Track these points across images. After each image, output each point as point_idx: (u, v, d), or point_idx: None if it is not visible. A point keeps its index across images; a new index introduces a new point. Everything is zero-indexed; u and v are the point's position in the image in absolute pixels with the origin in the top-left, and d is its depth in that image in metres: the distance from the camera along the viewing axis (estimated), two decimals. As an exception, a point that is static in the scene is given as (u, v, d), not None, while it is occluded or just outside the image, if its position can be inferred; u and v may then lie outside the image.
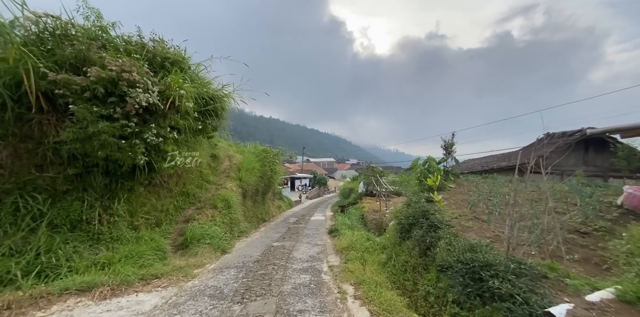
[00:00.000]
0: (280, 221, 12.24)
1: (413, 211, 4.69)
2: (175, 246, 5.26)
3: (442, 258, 3.02)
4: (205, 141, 9.28)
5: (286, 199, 21.82)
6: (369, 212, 12.90)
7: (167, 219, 5.79)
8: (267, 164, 11.84)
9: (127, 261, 3.84)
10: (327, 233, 8.68)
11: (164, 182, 6.05)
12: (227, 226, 7.16)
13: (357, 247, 5.38)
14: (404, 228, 4.69)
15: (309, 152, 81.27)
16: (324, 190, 43.18)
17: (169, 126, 4.77)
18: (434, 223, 3.88)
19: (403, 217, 4.83)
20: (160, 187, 5.93)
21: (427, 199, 5.03)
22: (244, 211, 9.21)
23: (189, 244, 5.23)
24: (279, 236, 8.11)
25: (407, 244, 4.33)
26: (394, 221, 7.20)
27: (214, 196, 7.52)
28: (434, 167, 6.87)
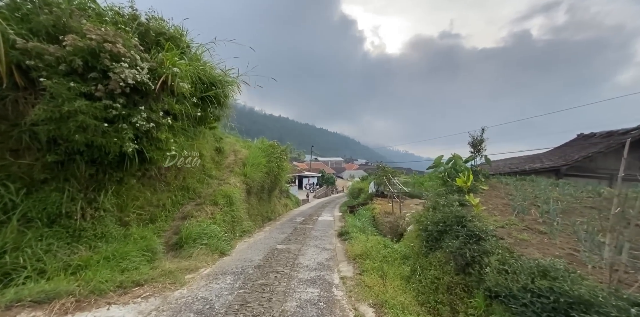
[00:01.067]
0: (286, 220, 11.64)
1: (443, 215, 3.92)
2: (169, 246, 4.71)
3: (496, 281, 2.27)
4: (208, 133, 8.78)
5: (293, 197, 21.26)
6: (380, 214, 12.10)
7: (162, 215, 5.26)
8: (274, 159, 11.25)
9: (106, 264, 3.28)
10: (336, 236, 7.98)
11: (161, 175, 5.52)
12: (228, 225, 6.59)
13: (373, 256, 4.65)
14: (431, 236, 3.92)
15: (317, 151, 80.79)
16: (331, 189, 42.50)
17: (163, 110, 4.20)
18: (475, 232, 3.11)
19: (430, 222, 4.06)
20: (157, 180, 5.40)
21: (459, 202, 4.24)
22: (247, 208, 8.65)
23: (183, 244, 4.67)
24: (284, 237, 7.48)
25: (437, 255, 3.57)
26: (412, 225, 6.42)
27: (216, 191, 6.97)
28: (462, 166, 6.03)
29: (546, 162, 9.25)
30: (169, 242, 4.76)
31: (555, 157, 10.10)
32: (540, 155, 12.65)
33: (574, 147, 10.43)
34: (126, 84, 3.51)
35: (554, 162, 8.51)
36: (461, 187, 4.94)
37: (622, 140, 6.96)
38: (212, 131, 9.96)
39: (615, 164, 7.51)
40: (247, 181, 8.96)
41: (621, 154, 6.91)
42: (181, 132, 5.08)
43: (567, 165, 7.62)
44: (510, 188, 5.30)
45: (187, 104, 4.84)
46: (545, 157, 11.00)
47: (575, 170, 7.79)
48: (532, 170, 8.55)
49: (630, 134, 7.00)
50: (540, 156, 12.20)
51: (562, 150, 11.70)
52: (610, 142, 7.34)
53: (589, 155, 7.30)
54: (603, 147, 7.20)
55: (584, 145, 9.82)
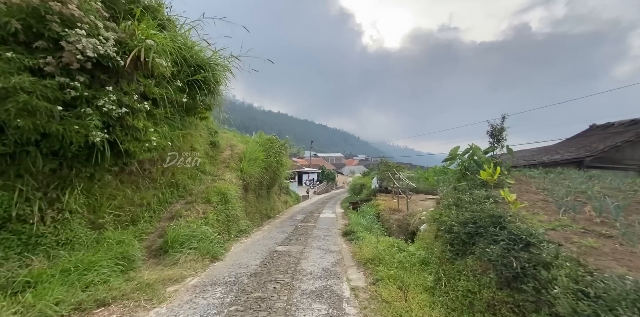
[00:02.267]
0: (286, 217, 11.07)
1: (472, 214, 3.31)
2: (152, 251, 4.10)
3: (573, 309, 1.66)
4: (201, 126, 8.12)
5: (293, 193, 20.71)
6: (385, 211, 11.53)
7: (146, 216, 4.64)
8: (273, 154, 10.60)
9: (65, 278, 2.67)
10: (340, 235, 7.40)
11: (144, 170, 4.88)
12: (223, 225, 5.99)
13: (387, 261, 4.06)
14: (457, 239, 3.32)
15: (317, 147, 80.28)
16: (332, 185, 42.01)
17: (138, 94, 3.53)
18: (520, 236, 2.49)
19: (455, 223, 3.46)
20: (139, 176, 4.76)
21: (487, 198, 3.63)
22: (245, 206, 8.05)
23: (168, 249, 4.06)
24: (284, 237, 6.90)
25: (468, 262, 2.97)
26: (426, 224, 5.83)
27: (209, 188, 6.35)
28: (482, 157, 5.39)
29: (564, 153, 8.61)
30: (152, 246, 4.16)
31: (572, 149, 9.46)
32: (553, 147, 12.01)
33: (593, 138, 9.78)
34: (86, 58, 2.84)
35: (575, 154, 7.88)
36: (486, 181, 4.31)
37: (656, 129, 6.35)
38: (206, 124, 9.32)
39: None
40: (244, 176, 8.34)
41: None
42: (164, 121, 4.42)
43: (592, 156, 7.00)
44: (540, 182, 4.68)
45: (169, 88, 4.17)
46: (561, 149, 10.37)
47: (599, 161, 7.17)
48: (551, 162, 7.92)
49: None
50: (554, 148, 11.57)
51: (577, 141, 11.05)
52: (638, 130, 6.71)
53: (617, 144, 6.68)
54: (633, 135, 6.58)
55: (604, 135, 9.17)
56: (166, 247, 4.07)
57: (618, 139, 7.08)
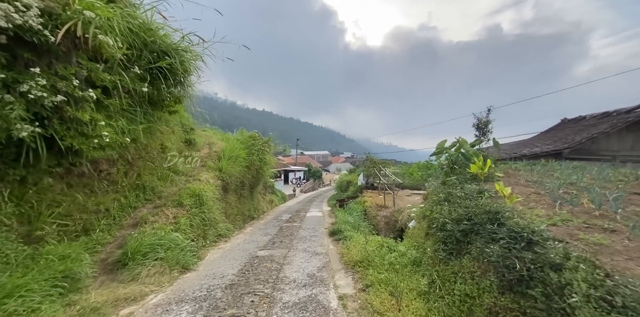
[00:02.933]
0: (271, 218, 10.60)
1: (466, 210, 3.08)
2: (107, 265, 3.52)
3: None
4: (174, 122, 7.45)
5: (279, 192, 20.18)
6: (372, 207, 11.38)
7: (103, 224, 4.03)
8: (255, 152, 10.07)
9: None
10: (327, 235, 7.08)
11: (101, 172, 4.23)
12: (198, 230, 5.44)
13: (376, 262, 3.77)
14: (451, 237, 3.08)
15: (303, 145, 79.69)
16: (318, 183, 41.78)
17: (80, 79, 2.94)
18: (521, 234, 2.27)
19: (448, 220, 3.22)
20: (94, 178, 4.11)
21: (480, 193, 3.43)
22: (224, 208, 7.50)
23: (128, 261, 3.51)
24: (267, 239, 6.46)
25: (464, 263, 2.73)
26: (415, 221, 5.63)
27: (181, 190, 5.76)
28: (470, 150, 5.26)
29: (543, 146, 8.83)
30: (108, 259, 3.57)
31: (549, 141, 9.76)
32: (530, 140, 12.42)
33: (567, 131, 10.15)
34: (-1, 29, 2.24)
35: (553, 146, 8.07)
36: (476, 174, 4.14)
37: (629, 119, 6.58)
38: (180, 121, 8.63)
39: (618, 144, 7.17)
40: (223, 176, 7.77)
41: (624, 134, 6.42)
42: (121, 114, 3.82)
43: (570, 148, 7.17)
44: (528, 174, 4.60)
45: (124, 75, 3.57)
46: (538, 142, 10.69)
47: (576, 153, 7.37)
48: (532, 154, 8.06)
49: (634, 113, 6.63)
50: (531, 141, 11.95)
51: (552, 134, 11.47)
52: (614, 121, 6.94)
53: (593, 136, 6.87)
54: (608, 127, 6.79)
55: (577, 127, 9.51)
56: (125, 259, 3.51)
57: (593, 131, 7.30)
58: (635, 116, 6.50)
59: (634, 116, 6.51)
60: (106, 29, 2.99)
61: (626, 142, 7.03)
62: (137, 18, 3.78)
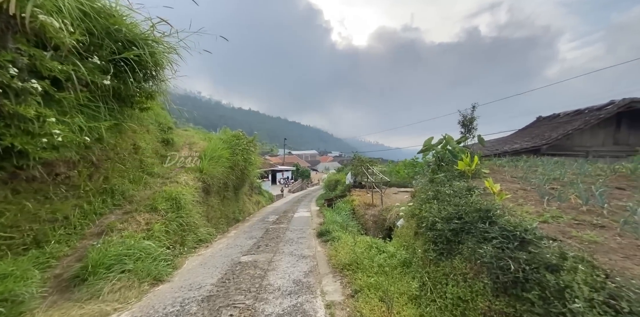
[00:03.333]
0: (257, 220, 10.25)
1: (456, 209, 2.98)
2: (63, 281, 3.11)
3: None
4: (146, 119, 6.94)
5: (266, 193, 19.75)
6: (360, 206, 11.31)
7: (60, 235, 3.58)
8: (240, 152, 9.66)
9: None
10: (315, 236, 6.88)
11: (57, 175, 3.77)
12: (175, 236, 5.05)
13: (365, 265, 3.60)
14: (441, 237, 2.97)
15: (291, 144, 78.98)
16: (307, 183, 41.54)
17: (24, 68, 2.53)
18: (514, 232, 2.17)
19: (438, 219, 3.11)
20: (46, 182, 3.64)
21: (469, 190, 3.35)
22: (206, 211, 7.09)
23: (88, 276, 3.11)
24: (252, 243, 6.16)
25: (455, 264, 2.61)
26: (404, 219, 5.55)
27: (156, 193, 5.33)
28: (456, 147, 5.23)
29: (522, 142, 9.10)
30: (64, 275, 3.16)
31: (527, 138, 10.10)
32: (508, 138, 12.86)
33: (543, 128, 10.55)
34: None
35: (532, 143, 8.33)
36: (464, 171, 4.08)
37: (600, 116, 6.87)
38: (156, 119, 8.11)
39: (590, 140, 7.48)
40: (205, 177, 7.36)
41: (596, 130, 6.66)
42: (77, 110, 3.40)
43: (547, 144, 7.40)
44: (512, 170, 4.62)
45: (79, 65, 3.16)
46: (517, 139, 11.05)
47: (553, 149, 7.63)
48: (513, 151, 8.27)
49: (605, 110, 6.94)
50: (510, 138, 12.36)
51: (528, 131, 11.91)
52: (587, 118, 7.24)
53: (569, 132, 7.13)
54: (582, 123, 7.07)
55: (553, 124, 9.89)
56: (85, 274, 3.11)
57: (568, 128, 7.58)
58: (606, 113, 6.81)
59: (605, 113, 6.82)
60: (52, 9, 2.59)
61: (598, 138, 7.36)
62: (95, 1, 3.37)
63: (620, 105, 6.67)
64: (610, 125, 7.22)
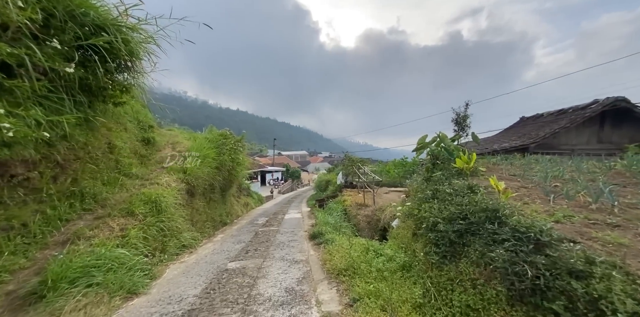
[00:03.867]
0: (246, 222, 9.84)
1: (459, 209, 2.80)
2: (16, 299, 2.66)
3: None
4: (126, 116, 6.45)
5: (255, 194, 19.25)
6: (352, 206, 11.14)
7: (15, 244, 3.11)
8: (227, 151, 9.24)
9: None
10: (307, 238, 6.60)
11: (12, 177, 3.28)
12: (155, 242, 4.63)
13: (363, 270, 3.37)
14: (444, 238, 2.78)
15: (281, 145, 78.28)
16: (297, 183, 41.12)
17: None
18: (528, 234, 1.99)
19: (439, 219, 2.92)
20: (2, 185, 3.16)
21: (470, 188, 3.20)
22: (190, 214, 6.65)
23: (47, 292, 2.69)
24: (240, 248, 5.80)
25: (462, 268, 2.42)
26: (399, 220, 5.38)
27: (133, 196, 4.87)
28: (451, 145, 5.12)
29: (511, 141, 9.23)
30: (18, 291, 2.71)
31: (514, 137, 10.29)
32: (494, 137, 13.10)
33: (529, 127, 10.79)
34: None
35: (520, 141, 8.44)
36: (462, 169, 3.94)
37: (586, 115, 7.04)
38: (136, 116, 7.58)
39: (576, 139, 7.66)
40: (189, 179, 6.91)
41: (581, 129, 6.78)
42: (34, 101, 2.96)
43: (535, 143, 7.50)
44: (508, 168, 4.54)
45: (35, 49, 2.74)
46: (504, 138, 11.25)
47: (540, 147, 7.75)
48: (502, 149, 8.34)
49: (590, 109, 7.12)
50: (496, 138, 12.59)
51: (514, 131, 12.18)
52: (572, 117, 7.41)
53: (556, 131, 7.26)
54: (568, 122, 7.22)
55: (538, 124, 10.12)
56: (44, 289, 2.68)
57: (555, 127, 7.72)
58: (591, 112, 6.99)
59: (590, 112, 6.99)
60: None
61: (583, 137, 7.55)
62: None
63: (605, 104, 6.86)
64: (594, 124, 7.42)
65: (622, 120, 7.16)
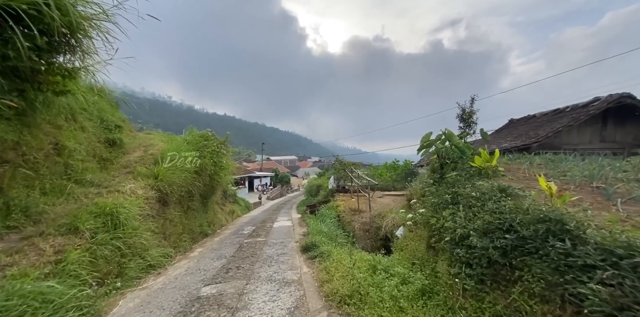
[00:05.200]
0: (230, 233, 8.87)
1: (498, 217, 2.15)
2: None
3: None
4: (81, 112, 5.49)
5: (242, 201, 18.17)
6: (346, 212, 10.42)
7: None
8: (208, 154, 8.33)
9: None
10: (299, 251, 5.80)
11: None
12: (110, 265, 3.69)
13: (373, 297, 2.63)
14: (481, 257, 2.12)
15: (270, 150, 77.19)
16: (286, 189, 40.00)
17: None
18: (633, 260, 1.35)
19: (471, 231, 2.26)
20: None
21: (502, 191, 2.58)
22: (162, 226, 5.70)
23: None
24: (219, 265, 4.91)
25: (520, 302, 1.75)
26: (403, 227, 4.71)
27: (81, 208, 3.92)
28: (460, 143, 4.56)
29: (510, 142, 8.93)
30: None
31: (510, 138, 10.06)
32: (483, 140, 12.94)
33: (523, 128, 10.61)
34: None
35: (520, 141, 8.13)
36: (482, 169, 3.34)
37: (590, 112, 6.80)
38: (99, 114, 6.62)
39: (578, 138, 7.40)
40: (161, 185, 5.98)
41: (583, 128, 6.43)
42: None
43: (538, 142, 7.17)
44: (527, 167, 4.01)
45: None
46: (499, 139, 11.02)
47: (541, 147, 7.43)
48: (502, 149, 7.94)
49: (593, 106, 6.90)
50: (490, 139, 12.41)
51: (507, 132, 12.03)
52: (574, 115, 7.17)
53: (559, 129, 6.96)
54: (571, 120, 6.94)
55: (533, 124, 9.93)
56: None
57: (556, 126, 7.45)
58: (595, 109, 6.76)
59: (594, 109, 6.76)
60: None
61: (585, 136, 7.31)
62: None
63: (609, 101, 6.65)
64: (596, 123, 7.21)
65: (625, 118, 6.98)
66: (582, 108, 7.39)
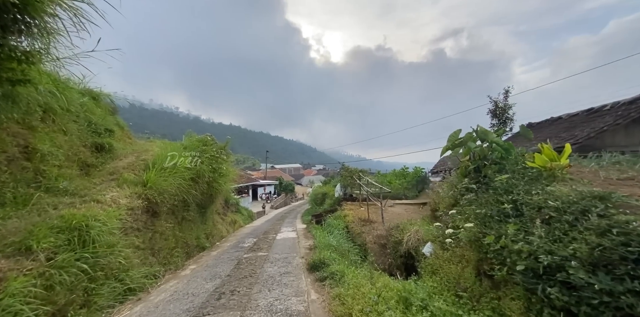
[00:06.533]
0: (230, 245, 8.08)
1: (622, 242, 1.37)
2: None
3: None
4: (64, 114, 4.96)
5: (245, 211, 17.40)
6: (355, 222, 9.54)
7: None
8: (206, 160, 7.70)
9: None
10: (306, 270, 4.98)
11: None
12: (72, 293, 2.96)
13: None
14: (589, 304, 1.32)
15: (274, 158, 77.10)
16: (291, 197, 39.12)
17: None
18: None
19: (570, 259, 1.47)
20: None
21: (602, 199, 1.80)
22: (149, 241, 4.99)
23: None
24: (212, 288, 4.12)
25: None
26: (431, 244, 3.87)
27: (44, 221, 3.25)
28: (498, 141, 3.80)
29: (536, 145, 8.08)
30: None
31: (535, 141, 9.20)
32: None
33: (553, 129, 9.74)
34: None
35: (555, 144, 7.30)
36: (548, 169, 2.57)
37: (639, 110, 5.98)
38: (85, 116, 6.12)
39: (625, 139, 6.52)
40: (150, 194, 5.30)
41: (631, 127, 5.49)
42: None
43: (578, 143, 6.33)
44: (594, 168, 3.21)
45: None
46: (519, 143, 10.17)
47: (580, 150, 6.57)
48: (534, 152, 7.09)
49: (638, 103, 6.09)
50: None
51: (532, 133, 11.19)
52: (620, 112, 6.35)
53: (603, 129, 6.13)
54: (618, 118, 6.11)
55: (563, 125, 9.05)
56: None
57: (599, 125, 6.59)
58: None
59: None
60: None
61: (634, 137, 6.45)
62: None
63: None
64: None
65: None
66: (628, 105, 6.56)
